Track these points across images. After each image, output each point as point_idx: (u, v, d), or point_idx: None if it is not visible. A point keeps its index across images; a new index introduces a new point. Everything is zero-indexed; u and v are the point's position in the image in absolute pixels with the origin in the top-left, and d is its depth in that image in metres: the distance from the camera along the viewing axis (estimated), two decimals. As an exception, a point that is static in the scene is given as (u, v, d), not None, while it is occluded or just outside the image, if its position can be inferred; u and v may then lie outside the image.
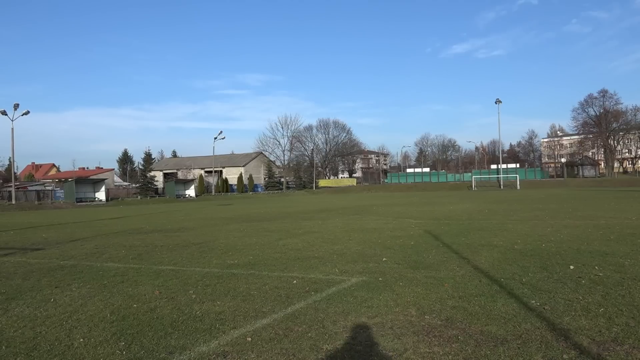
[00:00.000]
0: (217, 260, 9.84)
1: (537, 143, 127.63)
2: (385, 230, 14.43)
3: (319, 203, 39.25)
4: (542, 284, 6.59)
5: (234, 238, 13.94)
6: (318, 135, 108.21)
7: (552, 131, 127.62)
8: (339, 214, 23.76)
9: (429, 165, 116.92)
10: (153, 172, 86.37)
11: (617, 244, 9.96)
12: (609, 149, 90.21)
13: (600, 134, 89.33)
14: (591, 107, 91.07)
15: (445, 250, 10.06)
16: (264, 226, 17.82)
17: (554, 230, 12.98)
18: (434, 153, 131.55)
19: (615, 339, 4.37)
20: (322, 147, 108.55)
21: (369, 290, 6.59)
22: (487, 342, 4.41)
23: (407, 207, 27.43)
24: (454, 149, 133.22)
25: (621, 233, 11.78)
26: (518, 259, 8.62)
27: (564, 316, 5.10)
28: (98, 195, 65.11)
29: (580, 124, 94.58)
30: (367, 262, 8.88)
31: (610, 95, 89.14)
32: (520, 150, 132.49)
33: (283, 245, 11.93)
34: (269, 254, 10.53)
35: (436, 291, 6.42)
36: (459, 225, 15.27)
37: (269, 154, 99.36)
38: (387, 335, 4.74)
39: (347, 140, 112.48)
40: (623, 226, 13.32)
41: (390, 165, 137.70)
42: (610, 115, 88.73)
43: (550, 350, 4.16)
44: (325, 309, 5.75)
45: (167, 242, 13.55)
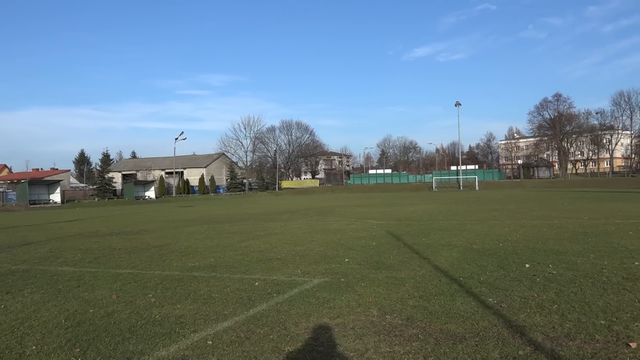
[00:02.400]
0: (178, 263, 9.68)
1: (495, 145, 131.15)
2: (348, 231, 14.51)
3: (282, 204, 39.16)
4: (499, 283, 6.76)
5: (195, 240, 13.74)
6: (281, 136, 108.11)
7: (510, 133, 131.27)
8: (302, 215, 23.76)
9: (390, 167, 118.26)
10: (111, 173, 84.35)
11: (570, 243, 10.31)
12: (562, 151, 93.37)
13: (555, 136, 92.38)
14: (546, 110, 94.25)
15: (407, 250, 10.20)
16: (226, 228, 17.64)
17: (511, 230, 13.34)
18: (395, 154, 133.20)
19: (567, 335, 4.52)
20: (285, 148, 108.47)
21: (331, 291, 6.61)
22: (446, 340, 4.49)
23: (369, 208, 27.67)
24: (415, 150, 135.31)
25: (574, 232, 12.20)
26: (476, 259, 8.81)
27: (519, 313, 5.24)
28: (53, 197, 63.02)
29: (535, 127, 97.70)
30: (329, 263, 8.91)
31: (564, 99, 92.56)
32: (479, 152, 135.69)
33: (245, 247, 11.84)
34: (230, 256, 10.42)
35: (397, 291, 6.49)
36: (420, 226, 15.50)
37: (232, 155, 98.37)
38: (348, 335, 4.76)
39: (310, 141, 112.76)
40: (576, 226, 13.81)
41: (352, 166, 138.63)
42: (564, 118, 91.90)
43: (506, 346, 4.27)
44: (287, 310, 5.74)
45: (126, 244, 13.24)
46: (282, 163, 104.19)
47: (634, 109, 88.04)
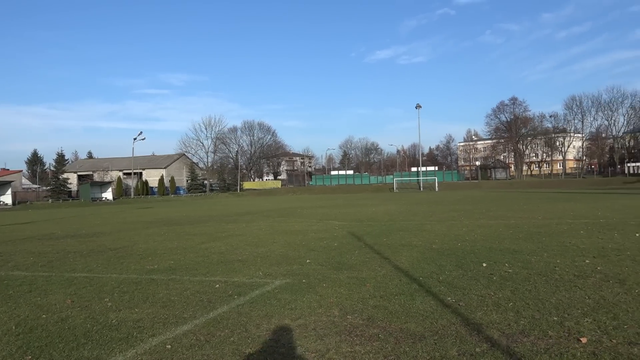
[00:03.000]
0: (136, 266, 9.47)
1: (454, 147, 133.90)
2: (310, 232, 14.53)
3: (244, 205, 38.86)
4: (458, 282, 6.90)
5: (154, 242, 13.47)
6: (243, 137, 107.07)
7: (468, 135, 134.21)
8: (264, 216, 23.65)
9: (352, 168, 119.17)
10: (66, 174, 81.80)
11: (525, 242, 10.63)
12: (518, 153, 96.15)
13: (511, 138, 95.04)
14: (503, 113, 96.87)
15: (368, 250, 10.28)
16: (186, 230, 17.37)
17: (469, 230, 13.64)
18: (357, 156, 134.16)
19: (522, 331, 4.65)
20: (247, 149, 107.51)
21: (292, 293, 6.60)
22: (406, 339, 4.55)
23: (331, 209, 27.78)
24: (376, 151, 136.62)
25: (529, 232, 12.58)
26: (436, 258, 8.97)
27: (477, 311, 5.36)
28: (3, 199, 60.58)
29: (493, 129, 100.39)
30: (291, 265, 8.89)
31: (519, 102, 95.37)
32: (439, 153, 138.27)
33: (206, 248, 11.69)
34: (190, 258, 10.27)
35: (358, 291, 6.54)
36: (381, 226, 15.67)
37: (192, 155, 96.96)
38: (310, 336, 4.76)
39: (272, 142, 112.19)
40: (530, 225, 14.24)
41: (315, 167, 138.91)
42: (520, 121, 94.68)
43: (464, 344, 4.36)
44: (248, 312, 5.69)
45: (81, 247, 12.86)
46: (243, 164, 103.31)
47: (585, 113, 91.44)
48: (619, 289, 6.08)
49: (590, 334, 4.49)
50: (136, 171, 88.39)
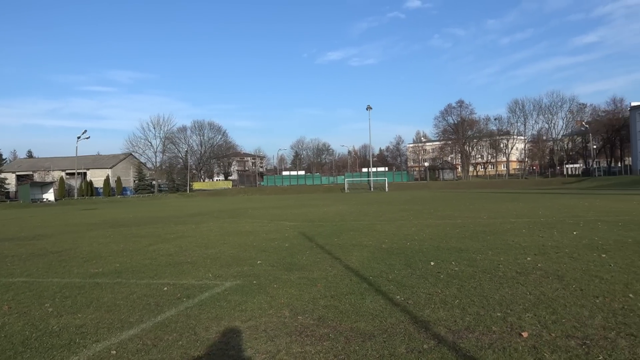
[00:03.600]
0: (79, 270, 9.12)
1: (403, 148, 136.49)
2: (261, 233, 14.44)
3: (193, 206, 38.17)
4: (406, 280, 7.03)
5: (98, 245, 13.02)
6: (192, 136, 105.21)
7: (417, 137, 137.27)
8: (214, 217, 23.31)
9: (304, 168, 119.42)
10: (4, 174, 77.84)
11: (470, 241, 10.95)
12: (465, 155, 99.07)
13: (458, 140, 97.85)
14: (450, 115, 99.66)
15: (319, 251, 10.32)
16: (133, 231, 16.88)
17: (418, 229, 13.93)
18: (309, 156, 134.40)
19: (468, 327, 4.79)
20: (197, 149, 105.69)
21: (243, 294, 6.54)
22: (356, 338, 4.59)
23: (282, 210, 27.71)
24: (328, 152, 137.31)
25: (474, 231, 12.98)
26: (385, 258, 9.10)
27: (425, 309, 5.48)
28: None
29: (441, 131, 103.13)
30: (241, 266, 8.81)
31: (466, 105, 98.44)
32: (389, 154, 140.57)
33: (153, 250, 11.40)
34: (137, 260, 9.99)
35: (309, 291, 6.55)
36: (332, 227, 15.76)
37: (140, 155, 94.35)
38: (260, 337, 4.73)
39: (223, 142, 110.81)
40: (476, 224, 14.69)
41: (266, 168, 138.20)
42: (466, 123, 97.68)
43: (412, 341, 4.45)
44: (197, 315, 5.60)
45: (20, 251, 12.28)
46: (193, 164, 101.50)
47: (527, 116, 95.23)
48: (557, 285, 6.37)
49: (531, 328, 4.68)
50: (80, 171, 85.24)
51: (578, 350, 4.08)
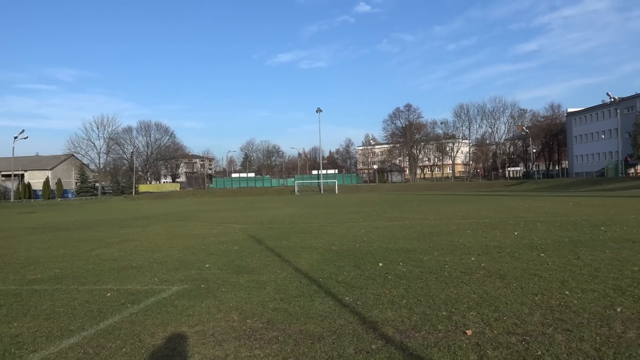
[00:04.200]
0: (15, 276, 8.69)
1: (353, 151, 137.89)
2: (209, 236, 14.22)
3: (139, 209, 37.13)
4: (355, 281, 7.10)
5: (37, 250, 12.44)
6: (139, 137, 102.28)
7: (366, 140, 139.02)
8: (161, 220, 22.76)
9: (254, 170, 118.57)
10: None
11: (418, 242, 11.19)
12: (412, 157, 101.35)
13: (406, 143, 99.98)
14: (398, 119, 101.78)
15: (269, 253, 10.27)
16: (75, 235, 16.23)
17: (367, 231, 14.10)
18: (259, 158, 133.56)
19: (414, 327, 4.88)
20: (143, 150, 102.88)
21: (190, 298, 6.41)
22: (305, 341, 4.59)
23: (232, 212, 27.41)
24: (278, 154, 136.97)
25: (421, 232, 13.27)
26: (335, 259, 9.16)
27: (373, 310, 5.55)
28: None
29: (389, 134, 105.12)
30: (189, 270, 8.64)
31: (414, 109, 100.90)
32: (339, 157, 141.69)
33: (96, 255, 11.01)
34: (79, 265, 9.62)
35: (258, 294, 6.50)
36: (282, 229, 15.72)
37: (82, 156, 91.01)
38: (208, 342, 4.65)
39: (171, 143, 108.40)
40: (423, 226, 15.03)
41: (215, 169, 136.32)
42: (414, 127, 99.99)
43: (360, 342, 4.50)
44: (142, 321, 5.44)
45: (-50, 257, 11.56)
46: (139, 166, 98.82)
47: (471, 121, 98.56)
48: (499, 284, 6.60)
49: (475, 326, 4.82)
50: (17, 173, 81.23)
51: (518, 346, 4.24)
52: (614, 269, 7.28)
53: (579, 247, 9.50)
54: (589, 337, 4.38)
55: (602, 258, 8.25)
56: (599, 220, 14.63)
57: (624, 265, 7.54)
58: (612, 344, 4.18)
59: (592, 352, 4.02)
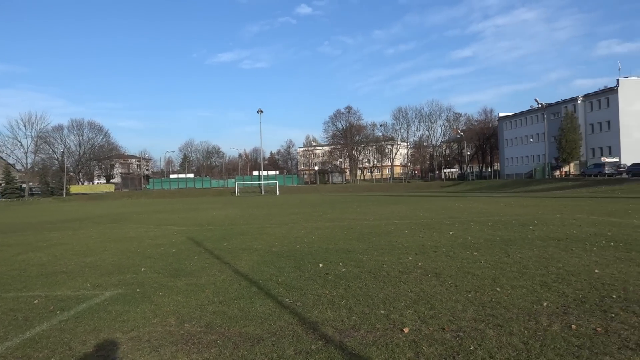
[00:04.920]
0: None
1: (294, 152, 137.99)
2: (146, 239, 13.79)
3: (71, 212, 35.48)
4: (296, 282, 7.10)
5: (-44, 255, 11.62)
6: (70, 136, 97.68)
7: (307, 141, 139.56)
8: (94, 223, 21.85)
9: (193, 171, 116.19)
10: None
11: (357, 242, 11.34)
12: (353, 159, 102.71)
13: (346, 145, 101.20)
14: (339, 121, 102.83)
15: (208, 256, 10.09)
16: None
17: (307, 232, 14.15)
18: (198, 159, 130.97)
19: (354, 326, 4.95)
20: (75, 150, 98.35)
21: (125, 304, 6.20)
22: (244, 343, 4.55)
23: (170, 214, 26.73)
24: (218, 155, 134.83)
25: (361, 232, 13.46)
26: (275, 261, 9.13)
27: (313, 310, 5.58)
28: None
29: (330, 136, 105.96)
30: (124, 274, 8.34)
31: (354, 111, 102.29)
32: (280, 158, 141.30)
33: (22, 260, 10.42)
34: (3, 271, 9.07)
35: (197, 298, 6.38)
36: (222, 231, 15.49)
37: (7, 156, 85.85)
38: (143, 348, 4.51)
39: (105, 143, 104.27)
40: (363, 226, 15.26)
41: (152, 170, 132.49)
42: (354, 129, 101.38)
43: (300, 343, 4.50)
44: (72, 328, 5.20)
45: None
46: (71, 166, 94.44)
47: (409, 123, 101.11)
48: (435, 282, 6.80)
49: (412, 324, 4.94)
50: None
51: (452, 342, 4.39)
52: (541, 266, 7.68)
53: (509, 246, 9.96)
54: (518, 331, 4.60)
55: (530, 256, 8.69)
56: (527, 220, 15.40)
57: (549, 262, 7.97)
58: (539, 337, 4.41)
59: (520, 346, 4.22)
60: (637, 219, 14.63)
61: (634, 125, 63.67)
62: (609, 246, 9.50)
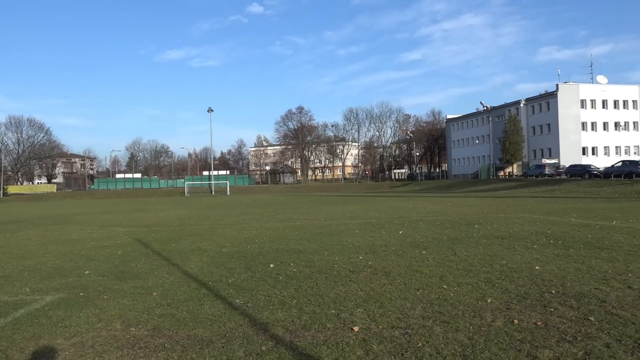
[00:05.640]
0: None
1: (245, 152, 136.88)
2: (90, 241, 13.31)
3: (8, 213, 33.76)
4: (246, 283, 7.04)
5: None
6: (8, 134, 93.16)
7: (259, 141, 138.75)
8: (34, 224, 20.88)
9: (141, 171, 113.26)
10: None
11: (308, 242, 11.37)
12: (304, 159, 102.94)
13: (298, 145, 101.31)
14: (290, 121, 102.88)
15: (155, 257, 9.85)
16: None
17: (258, 232, 14.06)
18: (146, 158, 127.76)
19: (304, 326, 4.95)
20: (13, 148, 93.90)
21: (67, 308, 5.95)
22: (193, 346, 4.46)
23: (116, 215, 25.92)
24: (167, 154, 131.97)
25: (312, 232, 13.50)
26: (226, 262, 9.02)
27: (263, 311, 5.54)
28: None
29: (281, 136, 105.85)
30: (66, 277, 8.02)
31: (305, 112, 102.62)
32: (231, 157, 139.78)
33: (-45, 265, 9.84)
34: None
35: (144, 301, 6.21)
36: (171, 232, 15.16)
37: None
38: (87, 354, 4.35)
39: (46, 141, 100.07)
40: (314, 226, 15.30)
41: (98, 170, 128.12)
42: (306, 129, 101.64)
43: (251, 344, 4.46)
44: (9, 336, 4.95)
45: None
46: (8, 165, 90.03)
47: (360, 124, 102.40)
48: (385, 281, 6.91)
49: (362, 322, 5.00)
50: None
51: (401, 339, 4.47)
52: (486, 264, 7.95)
53: (456, 244, 10.25)
54: (464, 327, 4.74)
55: (475, 254, 8.97)
56: (473, 219, 15.89)
57: (493, 260, 8.26)
58: (483, 332, 4.55)
59: (466, 341, 4.34)
60: (574, 218, 15.38)
61: (572, 128, 67.06)
62: (548, 244, 9.94)
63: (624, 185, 34.78)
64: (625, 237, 10.53)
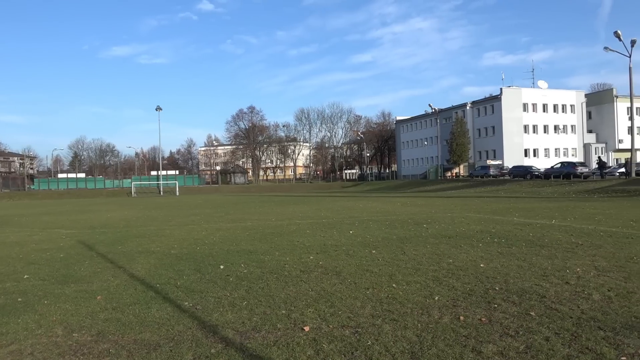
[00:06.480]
0: None
1: (195, 151, 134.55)
2: (29, 244, 12.72)
3: (-61, 215, 31.82)
4: (196, 285, 6.92)
5: None
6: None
7: (209, 141, 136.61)
8: (-32, 227, 19.76)
9: (85, 171, 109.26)
10: None
11: (260, 243, 11.30)
12: (255, 159, 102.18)
13: (249, 145, 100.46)
14: (242, 121, 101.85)
15: (100, 260, 9.53)
16: None
17: (208, 233, 13.85)
18: (91, 158, 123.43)
19: (255, 327, 4.91)
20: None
21: (4, 314, 5.67)
22: (140, 351, 4.35)
23: (58, 216, 24.88)
24: (113, 154, 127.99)
25: (263, 233, 13.43)
26: (174, 263, 8.84)
27: (213, 313, 5.46)
28: None
29: (232, 136, 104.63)
30: (3, 282, 7.63)
31: (257, 111, 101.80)
32: (180, 157, 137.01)
33: None
34: None
35: (87, 305, 5.99)
36: (116, 233, 14.71)
37: None
38: (25, 363, 4.16)
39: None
40: (265, 227, 15.22)
41: (38, 169, 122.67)
42: (257, 129, 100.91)
43: (200, 347, 4.39)
44: (-60, 345, 4.66)
45: None
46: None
47: (312, 125, 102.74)
48: (336, 280, 6.96)
49: (312, 322, 5.01)
50: None
51: (351, 338, 4.51)
52: (433, 262, 8.14)
53: (405, 243, 10.45)
54: (412, 324, 4.83)
55: (423, 253, 9.17)
56: (421, 219, 16.25)
57: (441, 259, 8.47)
58: (431, 329, 4.66)
59: (414, 338, 4.44)
60: (517, 217, 15.99)
61: (514, 130, 69.79)
62: (492, 242, 10.30)
63: (563, 186, 36.47)
64: (563, 235, 11.05)
